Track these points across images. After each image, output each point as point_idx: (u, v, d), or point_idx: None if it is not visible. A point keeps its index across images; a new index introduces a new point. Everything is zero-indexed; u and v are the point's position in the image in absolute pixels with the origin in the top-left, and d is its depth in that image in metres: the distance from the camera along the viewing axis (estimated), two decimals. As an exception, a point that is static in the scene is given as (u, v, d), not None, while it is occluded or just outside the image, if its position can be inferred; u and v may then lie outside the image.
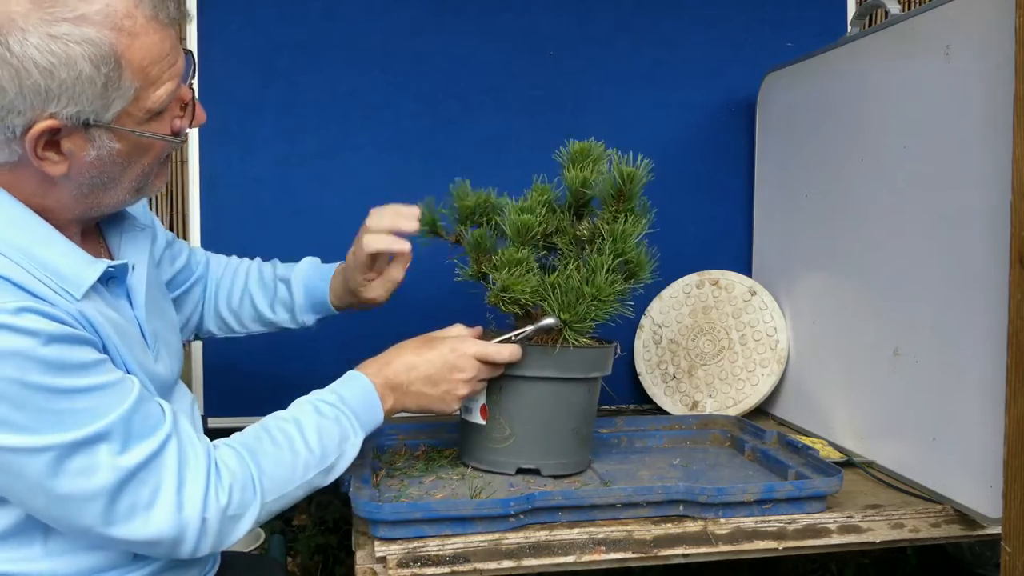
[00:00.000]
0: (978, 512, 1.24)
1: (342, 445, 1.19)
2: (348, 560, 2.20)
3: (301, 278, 1.47)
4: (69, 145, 0.97)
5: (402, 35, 1.88)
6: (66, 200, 1.03)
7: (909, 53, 1.39)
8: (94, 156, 0.99)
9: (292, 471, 1.12)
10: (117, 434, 0.97)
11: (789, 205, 1.81)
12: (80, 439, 0.94)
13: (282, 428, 1.15)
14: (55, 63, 0.91)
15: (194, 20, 1.80)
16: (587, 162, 1.40)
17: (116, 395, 0.98)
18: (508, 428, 1.38)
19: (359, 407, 1.22)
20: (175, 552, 1.03)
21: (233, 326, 1.50)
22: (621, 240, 1.34)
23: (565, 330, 1.33)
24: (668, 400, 1.87)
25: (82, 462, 0.94)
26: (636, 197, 1.37)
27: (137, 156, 1.04)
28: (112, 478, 0.96)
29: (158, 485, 0.99)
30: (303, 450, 1.14)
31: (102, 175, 1.02)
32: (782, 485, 1.29)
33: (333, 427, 1.18)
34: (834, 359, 1.64)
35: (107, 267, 1.06)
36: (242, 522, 1.07)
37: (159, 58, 0.98)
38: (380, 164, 1.88)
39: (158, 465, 1.00)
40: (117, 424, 0.96)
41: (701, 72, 1.98)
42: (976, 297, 1.23)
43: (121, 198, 1.08)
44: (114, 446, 0.96)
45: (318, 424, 1.17)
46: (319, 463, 1.15)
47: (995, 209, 1.16)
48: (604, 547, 1.21)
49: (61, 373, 0.93)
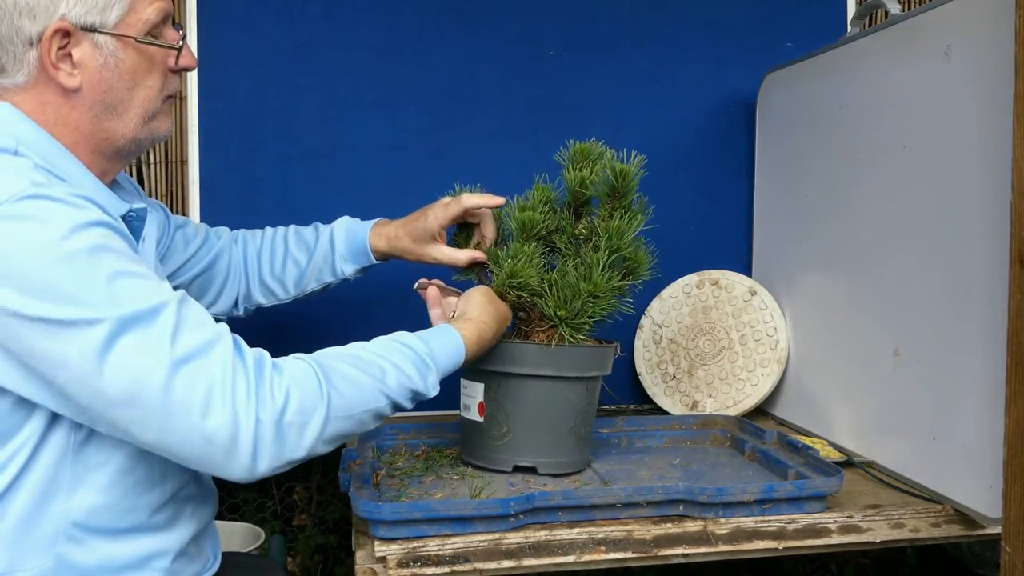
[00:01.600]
0: (978, 512, 1.24)
1: (413, 393, 1.15)
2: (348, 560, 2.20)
3: (342, 226, 1.52)
4: (79, 54, 1.07)
5: (402, 35, 1.88)
6: (83, 125, 1.10)
7: (909, 53, 1.39)
8: (102, 64, 1.08)
9: (363, 392, 1.08)
10: (168, 317, 0.97)
11: (789, 205, 1.81)
12: (133, 313, 0.95)
13: (362, 355, 1.12)
14: None
15: (194, 20, 1.80)
16: (586, 162, 1.41)
17: (164, 286, 1.01)
18: (505, 425, 1.38)
19: (446, 364, 1.19)
20: (231, 461, 0.98)
21: (279, 293, 1.54)
22: (617, 237, 1.35)
23: (561, 327, 1.34)
24: (668, 400, 1.87)
25: (137, 338, 0.95)
26: (630, 194, 1.38)
27: (142, 73, 1.12)
28: (166, 361, 0.95)
29: (211, 379, 0.97)
30: (379, 378, 1.10)
31: (112, 92, 1.10)
32: (782, 485, 1.29)
33: (415, 373, 1.14)
34: (834, 359, 1.64)
35: (129, 209, 1.13)
36: (307, 430, 1.01)
37: None
38: (380, 164, 1.88)
39: (208, 358, 0.98)
40: (167, 307, 0.98)
41: (701, 72, 1.98)
42: (976, 297, 1.23)
43: (132, 128, 1.13)
44: (167, 327, 0.96)
45: (401, 364, 1.13)
46: (390, 396, 1.11)
47: (995, 209, 1.16)
48: (604, 547, 1.21)
49: (113, 255, 0.97)
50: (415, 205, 1.50)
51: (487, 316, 1.29)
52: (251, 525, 2.05)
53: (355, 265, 1.51)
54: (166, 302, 0.98)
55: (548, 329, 1.36)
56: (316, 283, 1.53)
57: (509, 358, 1.36)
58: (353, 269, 1.51)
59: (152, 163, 1.98)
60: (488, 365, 1.37)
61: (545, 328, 1.37)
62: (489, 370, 1.37)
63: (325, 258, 1.51)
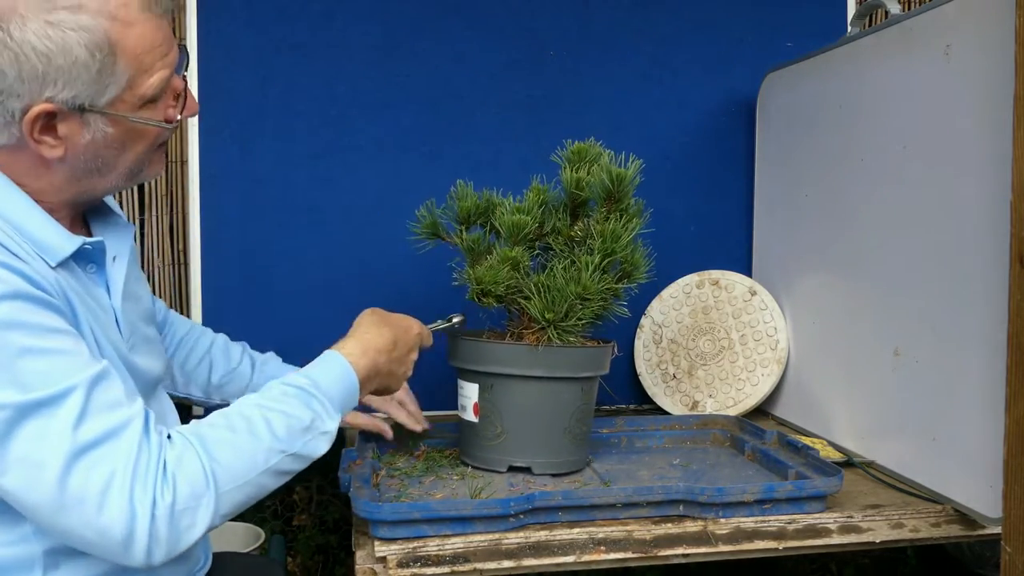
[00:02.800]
0: (978, 512, 1.24)
1: (313, 429, 1.09)
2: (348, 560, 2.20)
3: (270, 363, 1.49)
4: (65, 129, 1.00)
5: (402, 35, 1.88)
6: (60, 183, 1.05)
7: (909, 53, 1.39)
8: (88, 140, 1.02)
9: (252, 457, 1.03)
10: (76, 402, 0.93)
11: (789, 205, 1.81)
12: (37, 399, 0.91)
13: (243, 412, 1.06)
14: (52, 49, 0.95)
15: (194, 20, 1.80)
16: (583, 163, 1.41)
17: (79, 363, 0.95)
18: (499, 426, 1.38)
19: (335, 389, 1.13)
20: (126, 553, 0.94)
21: (178, 386, 1.47)
22: (611, 240, 1.35)
23: (549, 329, 1.34)
24: (668, 400, 1.87)
25: (37, 426, 0.91)
26: (627, 198, 1.38)
27: (131, 142, 1.06)
28: (66, 448, 0.91)
29: (114, 466, 0.93)
30: (265, 434, 1.04)
31: (96, 159, 1.04)
32: (782, 485, 1.29)
33: (303, 410, 1.08)
34: (834, 359, 1.64)
35: (83, 243, 1.07)
36: (198, 514, 0.98)
37: (152, 47, 1.02)
38: (380, 164, 1.88)
39: (116, 443, 0.94)
40: (77, 390, 0.93)
41: (701, 72, 1.98)
42: (976, 297, 1.23)
43: (115, 183, 1.09)
44: (73, 413, 0.93)
45: (285, 407, 1.07)
46: (285, 446, 1.05)
47: (995, 209, 1.16)
48: (604, 547, 1.21)
49: (23, 331, 0.92)
50: (415, 205, 1.50)
51: (368, 326, 1.24)
52: (251, 525, 2.05)
53: None
54: (75, 386, 0.93)
55: (538, 331, 1.37)
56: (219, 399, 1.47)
57: (502, 359, 1.36)
58: None
59: (152, 163, 1.98)
60: (482, 366, 1.38)
61: (535, 330, 1.37)
62: (483, 371, 1.38)
63: (242, 381, 1.47)
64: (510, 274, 1.36)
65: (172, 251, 2.10)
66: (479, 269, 1.38)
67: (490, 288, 1.36)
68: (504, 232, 1.39)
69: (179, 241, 2.06)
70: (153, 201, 2.05)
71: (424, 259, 1.50)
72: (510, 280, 1.36)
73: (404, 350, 1.28)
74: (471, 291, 1.39)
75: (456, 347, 1.42)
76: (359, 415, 1.50)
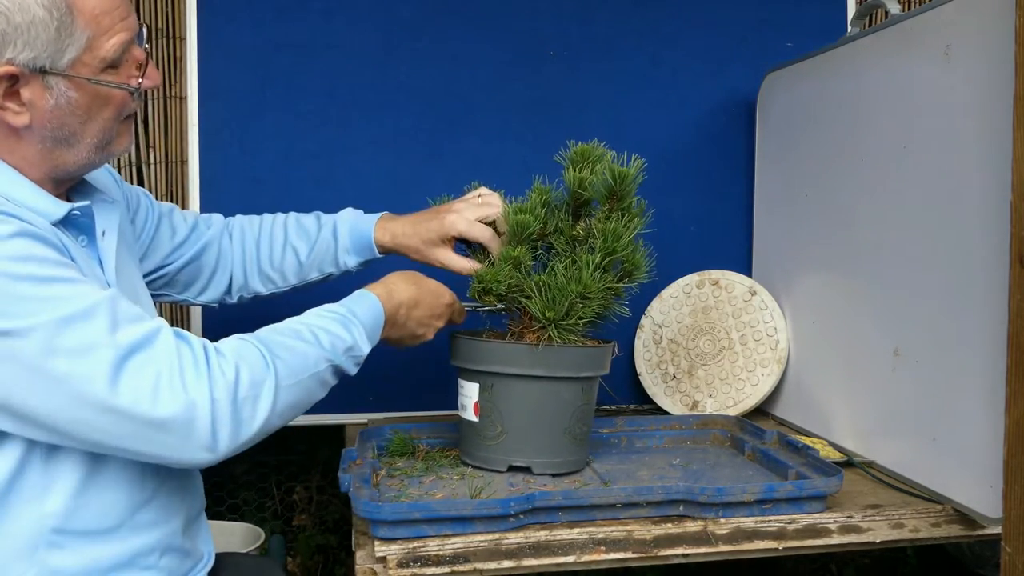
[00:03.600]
0: (978, 512, 1.24)
1: (349, 352, 1.18)
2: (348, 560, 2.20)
3: (347, 218, 1.51)
4: (28, 94, 1.02)
5: (402, 35, 1.88)
6: (31, 156, 1.06)
7: (909, 53, 1.39)
8: (53, 105, 1.03)
9: (304, 358, 1.11)
10: (104, 314, 0.96)
11: (789, 205, 1.81)
12: (67, 315, 0.94)
13: (291, 326, 1.15)
14: (10, 7, 0.98)
15: (194, 20, 1.80)
16: (586, 163, 1.41)
17: (94, 286, 1.00)
18: (499, 425, 1.38)
19: (368, 320, 1.22)
20: (192, 441, 0.98)
21: (277, 282, 1.52)
22: (612, 239, 1.35)
23: (550, 328, 1.34)
24: (668, 400, 1.87)
25: (75, 338, 0.94)
26: (629, 197, 1.39)
27: (96, 108, 1.07)
28: (110, 355, 0.95)
29: (158, 367, 0.97)
30: (315, 343, 1.13)
31: (63, 127, 1.06)
32: (782, 485, 1.29)
33: (344, 332, 1.17)
34: (834, 359, 1.64)
35: (71, 208, 1.09)
36: (260, 402, 1.03)
37: (110, 8, 1.05)
38: (380, 164, 1.88)
39: (153, 348, 0.98)
40: (102, 305, 0.97)
41: (701, 72, 1.98)
42: (976, 297, 1.23)
43: (85, 156, 1.10)
44: (104, 323, 0.96)
45: (329, 326, 1.17)
46: (329, 358, 1.14)
47: (995, 209, 1.16)
48: (604, 547, 1.21)
49: (36, 263, 0.96)
50: (415, 205, 1.50)
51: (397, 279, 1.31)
52: (251, 525, 2.05)
53: (358, 258, 1.50)
54: (99, 301, 0.97)
55: (538, 330, 1.37)
56: (318, 273, 1.51)
57: (502, 358, 1.36)
58: (356, 262, 1.50)
59: (152, 163, 1.98)
60: (482, 365, 1.38)
61: (535, 329, 1.37)
62: (483, 370, 1.38)
63: (327, 249, 1.49)
64: (512, 273, 1.36)
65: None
66: (479, 270, 1.38)
67: (491, 286, 1.36)
68: (508, 232, 1.40)
69: (179, 241, 2.06)
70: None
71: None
72: (511, 279, 1.36)
73: (427, 312, 1.32)
74: (472, 289, 1.39)
75: (456, 347, 1.42)
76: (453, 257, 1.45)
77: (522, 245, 1.39)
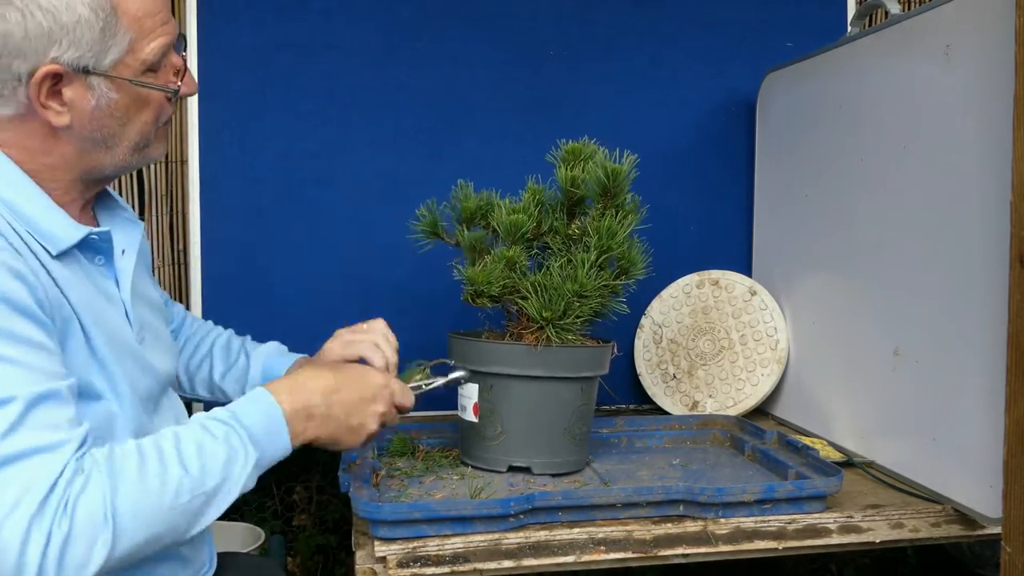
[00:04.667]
0: (978, 512, 1.24)
1: (228, 467, 1.00)
2: (348, 560, 2.20)
3: (263, 354, 1.43)
4: (71, 94, 1.02)
5: (402, 35, 1.88)
6: (70, 156, 1.07)
7: (909, 53, 1.39)
8: (94, 106, 1.04)
9: (160, 494, 0.95)
10: (9, 413, 0.89)
11: (789, 205, 1.81)
12: None
13: (157, 444, 0.99)
14: (57, 6, 0.98)
15: (194, 20, 1.80)
16: (578, 161, 1.41)
17: (30, 377, 0.92)
18: (499, 426, 1.38)
19: (256, 427, 1.05)
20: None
21: (184, 386, 1.45)
22: (607, 237, 1.34)
23: (548, 328, 1.34)
24: (668, 400, 1.87)
25: None
26: (623, 193, 1.38)
27: (135, 111, 1.07)
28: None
29: (27, 488, 0.88)
30: (175, 468, 0.96)
31: (103, 128, 1.06)
32: (782, 485, 1.29)
33: (218, 446, 1.00)
34: (834, 359, 1.64)
35: (89, 233, 1.07)
36: (92, 554, 0.90)
37: (152, 12, 1.05)
38: (380, 164, 1.88)
39: (35, 465, 0.89)
40: (14, 403, 0.89)
41: (701, 72, 1.98)
42: (976, 297, 1.23)
43: (121, 158, 1.10)
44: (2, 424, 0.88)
45: (199, 440, 1.00)
46: (196, 485, 0.97)
47: (995, 209, 1.16)
48: (604, 547, 1.21)
49: None
50: (414, 204, 1.50)
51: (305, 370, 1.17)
52: (251, 525, 2.05)
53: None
54: (14, 397, 0.89)
55: (536, 330, 1.37)
56: (222, 397, 1.41)
57: (501, 359, 1.36)
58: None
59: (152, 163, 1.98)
60: (481, 366, 1.38)
61: (533, 329, 1.37)
62: (483, 371, 1.38)
63: (242, 374, 1.42)
64: (504, 274, 1.36)
65: (172, 251, 2.10)
66: (472, 270, 1.37)
67: (483, 288, 1.36)
68: (502, 232, 1.39)
69: (179, 241, 2.06)
70: (153, 201, 2.05)
71: (424, 259, 1.50)
72: (505, 280, 1.36)
73: (353, 395, 1.15)
74: (465, 292, 1.39)
75: (456, 347, 1.42)
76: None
77: (516, 245, 1.38)
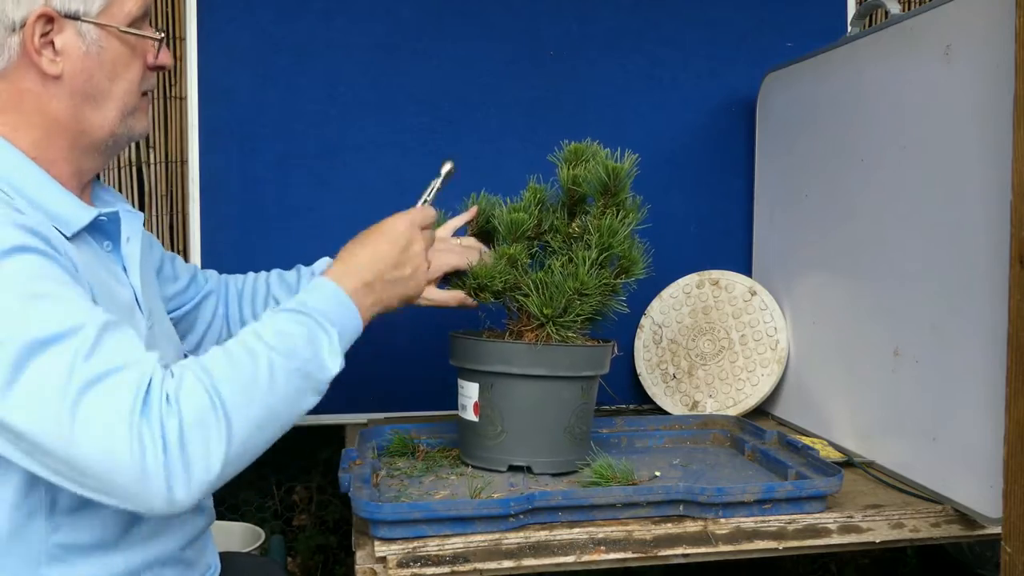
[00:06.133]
0: (978, 512, 1.24)
1: (313, 345, 1.03)
2: (348, 560, 2.20)
3: (324, 266, 1.47)
4: (62, 42, 1.07)
5: (402, 35, 1.88)
6: (63, 114, 1.09)
7: (909, 53, 1.39)
8: (84, 52, 1.08)
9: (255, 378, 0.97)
10: (85, 338, 0.91)
11: (789, 205, 1.81)
12: (44, 337, 0.89)
13: (237, 339, 1.02)
14: None
15: (194, 20, 1.80)
16: (579, 161, 1.42)
17: (88, 308, 0.95)
18: (499, 425, 1.38)
19: (327, 307, 1.08)
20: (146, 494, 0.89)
21: None
22: (608, 235, 1.35)
23: (548, 326, 1.34)
24: (668, 400, 1.87)
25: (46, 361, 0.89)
26: (623, 192, 1.39)
27: (123, 66, 1.12)
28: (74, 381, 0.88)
29: (121, 401, 0.89)
30: (264, 351, 0.99)
31: (92, 81, 1.09)
32: (782, 485, 1.29)
33: (298, 327, 1.03)
34: (834, 359, 1.64)
35: (99, 214, 1.10)
36: (210, 439, 0.92)
37: None
38: (380, 164, 1.88)
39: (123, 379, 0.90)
40: (86, 329, 0.91)
41: (701, 72, 1.98)
42: (976, 297, 1.23)
43: (111, 121, 1.12)
44: (81, 348, 0.90)
45: (277, 327, 1.03)
46: (288, 363, 1.00)
47: (995, 209, 1.16)
48: (604, 547, 1.21)
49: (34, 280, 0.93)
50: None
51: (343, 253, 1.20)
52: (251, 525, 2.05)
53: None
54: (84, 324, 0.92)
55: (537, 328, 1.37)
56: None
57: (502, 358, 1.36)
58: None
59: (152, 163, 1.98)
60: (482, 365, 1.38)
61: (534, 327, 1.37)
62: (483, 370, 1.38)
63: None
64: (507, 270, 1.36)
65: (172, 250, 2.09)
66: (476, 264, 1.38)
67: (486, 283, 1.36)
68: (503, 230, 1.40)
69: (179, 241, 2.06)
70: (153, 201, 2.05)
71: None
72: (507, 276, 1.36)
73: (393, 251, 1.19)
74: (468, 286, 1.39)
75: (456, 346, 1.42)
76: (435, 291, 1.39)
77: (518, 243, 1.39)
